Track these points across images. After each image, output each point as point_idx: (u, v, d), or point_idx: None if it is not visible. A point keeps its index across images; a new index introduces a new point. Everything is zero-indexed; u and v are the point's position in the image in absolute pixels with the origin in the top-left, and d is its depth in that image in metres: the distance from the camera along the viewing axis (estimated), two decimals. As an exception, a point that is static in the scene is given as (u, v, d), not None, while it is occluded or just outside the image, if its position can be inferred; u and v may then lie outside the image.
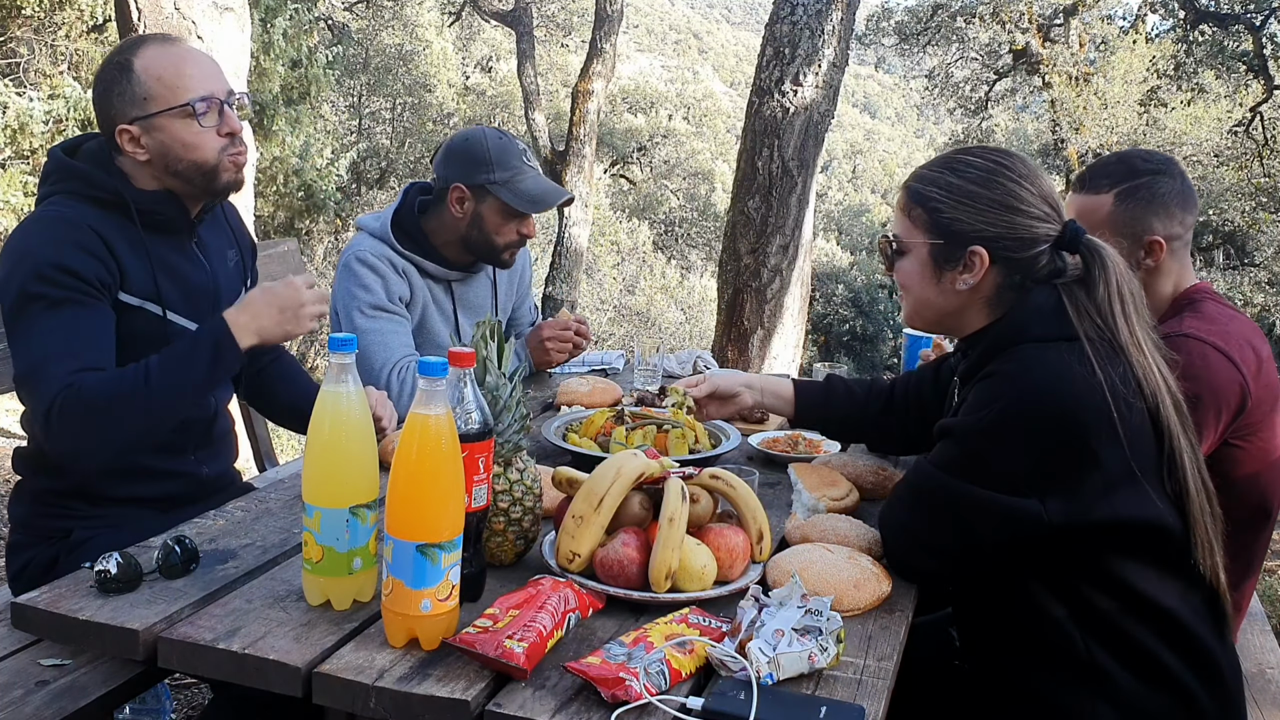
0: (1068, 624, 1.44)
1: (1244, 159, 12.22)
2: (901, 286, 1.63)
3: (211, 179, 1.83)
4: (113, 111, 1.78)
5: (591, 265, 14.30)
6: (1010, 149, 1.60)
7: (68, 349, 1.68)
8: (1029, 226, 1.49)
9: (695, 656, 1.25)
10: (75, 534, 1.83)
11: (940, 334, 1.66)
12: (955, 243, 1.51)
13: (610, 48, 10.79)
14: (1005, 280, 1.52)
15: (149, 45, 1.81)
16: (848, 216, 21.42)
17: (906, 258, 1.58)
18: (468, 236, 2.47)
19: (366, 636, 1.29)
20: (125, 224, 1.79)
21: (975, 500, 1.42)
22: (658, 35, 50.33)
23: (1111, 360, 1.41)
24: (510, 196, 2.41)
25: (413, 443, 1.22)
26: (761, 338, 5.50)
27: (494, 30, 18.57)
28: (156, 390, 1.69)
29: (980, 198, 1.50)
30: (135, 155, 1.79)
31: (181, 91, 1.77)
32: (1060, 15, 13.00)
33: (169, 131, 1.78)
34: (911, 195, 1.57)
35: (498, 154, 2.42)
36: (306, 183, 11.14)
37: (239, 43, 4.73)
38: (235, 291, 2.01)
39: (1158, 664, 1.44)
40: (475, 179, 2.41)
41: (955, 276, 1.53)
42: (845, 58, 5.41)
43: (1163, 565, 1.45)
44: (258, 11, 9.39)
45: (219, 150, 1.82)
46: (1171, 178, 1.92)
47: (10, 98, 8.00)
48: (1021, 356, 1.44)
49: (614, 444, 1.98)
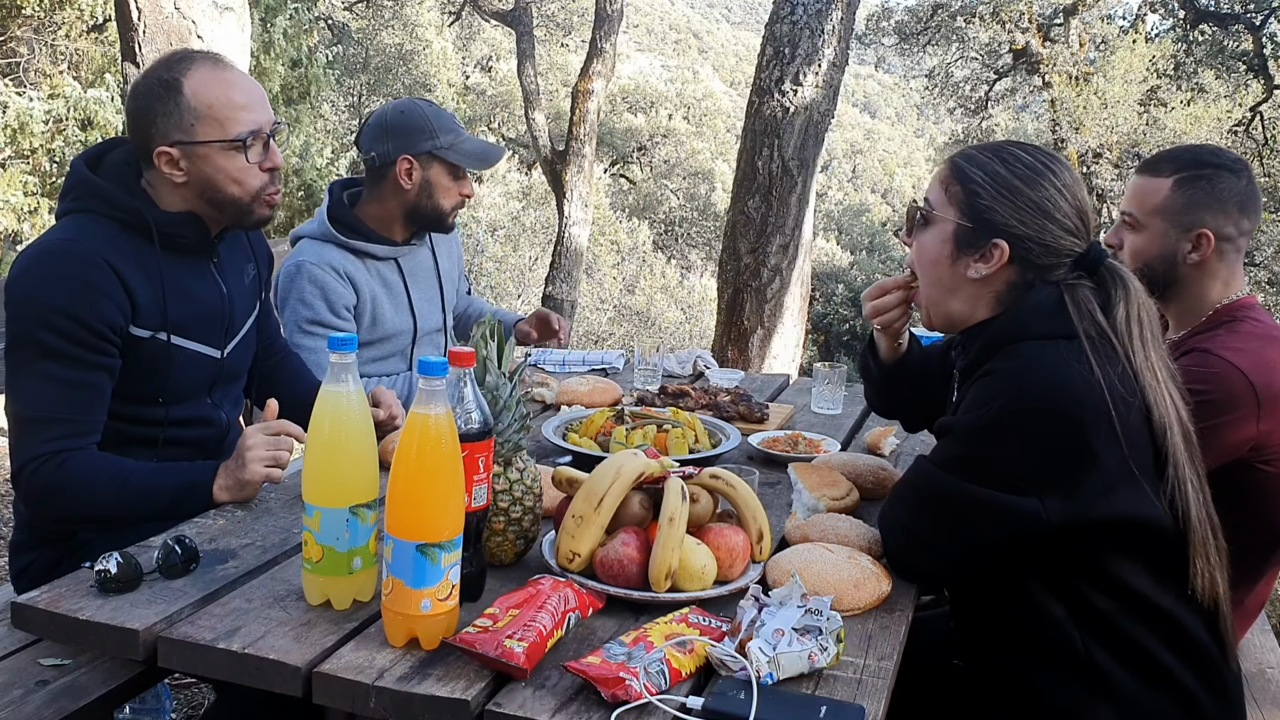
0: (1067, 623, 1.44)
1: (1244, 159, 12.22)
2: (914, 260, 1.61)
3: (246, 214, 1.81)
4: (154, 130, 1.74)
5: (591, 265, 14.30)
6: (1060, 157, 1.58)
7: (58, 412, 1.67)
8: (1057, 236, 1.49)
9: (695, 656, 1.25)
10: (79, 535, 1.83)
11: (939, 320, 1.62)
12: (982, 230, 1.50)
13: (610, 47, 10.78)
14: (1018, 280, 1.51)
15: (199, 67, 1.75)
16: (848, 216, 21.41)
17: (930, 229, 1.56)
18: (417, 205, 2.52)
19: (366, 636, 1.29)
20: (143, 246, 1.75)
21: (974, 499, 1.42)
22: (658, 35, 50.32)
23: (1111, 360, 1.41)
24: (459, 158, 2.49)
25: (413, 443, 1.22)
26: (761, 337, 5.50)
27: (494, 30, 18.58)
28: (125, 499, 1.69)
29: (1021, 194, 1.49)
30: (171, 177, 1.76)
31: (232, 124, 1.74)
32: (1060, 15, 13.00)
33: (213, 162, 1.75)
34: (955, 171, 1.55)
35: (436, 120, 2.49)
36: (306, 182, 11.14)
37: (239, 42, 4.73)
38: (249, 309, 1.99)
39: (1158, 664, 1.44)
40: (421, 147, 2.47)
41: (970, 262, 1.52)
42: (845, 57, 5.41)
43: (1160, 566, 1.45)
44: (258, 11, 9.40)
45: (259, 187, 1.79)
46: (1238, 177, 1.85)
47: (10, 97, 8.00)
48: (1020, 354, 1.44)
49: (614, 444, 1.98)
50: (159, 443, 1.82)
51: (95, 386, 1.71)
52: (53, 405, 1.68)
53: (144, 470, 1.73)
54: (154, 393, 1.80)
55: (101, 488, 1.69)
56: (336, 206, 2.53)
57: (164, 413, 1.81)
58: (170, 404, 1.82)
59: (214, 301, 1.88)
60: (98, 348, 1.69)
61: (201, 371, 1.88)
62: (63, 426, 1.68)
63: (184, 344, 1.82)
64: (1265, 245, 12.37)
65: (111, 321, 1.69)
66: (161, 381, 1.80)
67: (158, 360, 1.78)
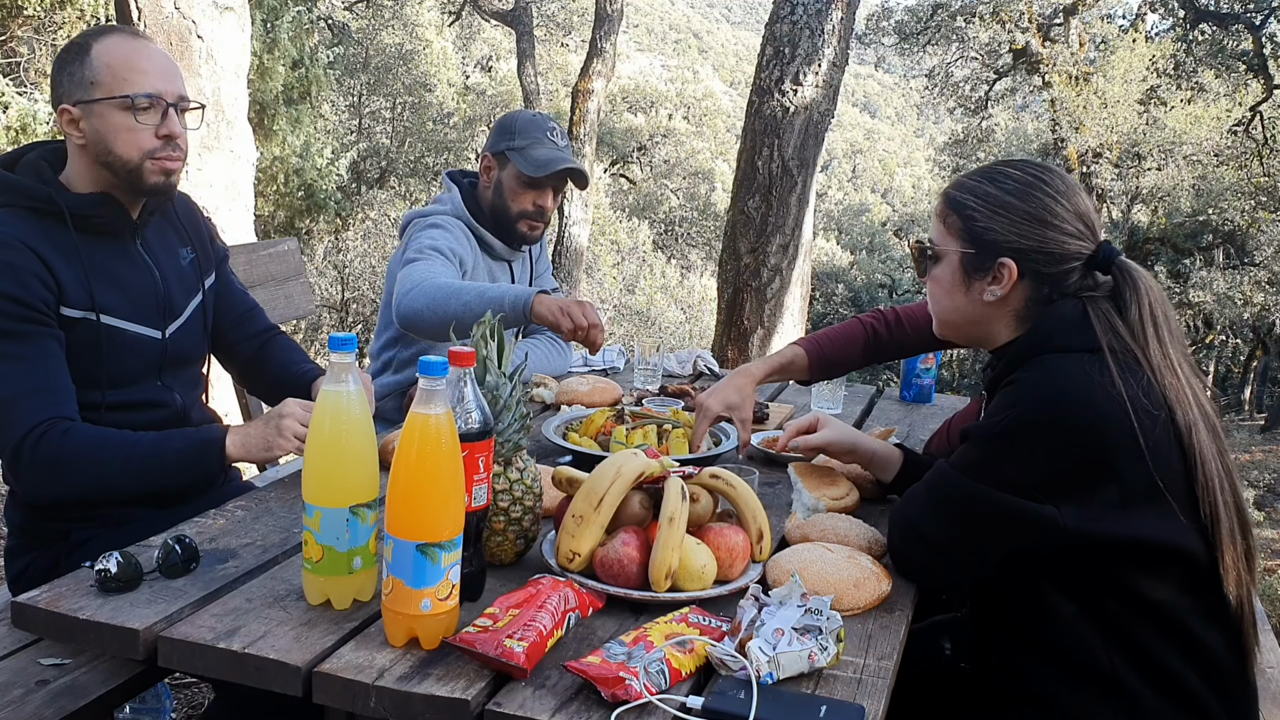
0: (1087, 632, 1.43)
1: (1244, 158, 12.24)
2: (930, 296, 1.62)
3: (136, 178, 1.81)
4: (61, 90, 1.78)
5: (591, 265, 14.29)
6: (1050, 164, 1.58)
7: (27, 385, 1.68)
8: (1060, 242, 1.48)
9: (695, 656, 1.25)
10: (74, 535, 1.83)
11: (967, 345, 1.65)
12: (986, 252, 1.51)
13: (610, 47, 10.78)
14: (1034, 294, 1.51)
15: (111, 34, 1.80)
16: (848, 216, 21.42)
17: (939, 264, 1.58)
18: (493, 205, 2.61)
19: (366, 636, 1.29)
20: (60, 231, 1.77)
21: (991, 502, 1.41)
22: (658, 35, 50.29)
23: (1134, 372, 1.40)
24: (521, 160, 2.54)
25: (413, 442, 1.22)
26: (761, 337, 5.50)
27: (494, 30, 18.58)
28: (134, 466, 1.71)
29: (1015, 209, 1.49)
30: (72, 137, 1.79)
31: (126, 84, 1.76)
32: (1060, 15, 13.01)
33: (105, 119, 1.76)
34: (949, 202, 1.56)
35: (524, 125, 2.58)
36: (307, 182, 11.15)
37: (239, 42, 4.73)
38: (191, 290, 1.98)
39: (1180, 683, 1.42)
40: (499, 146, 2.58)
41: (984, 286, 1.53)
42: (845, 57, 5.41)
43: (1188, 585, 1.43)
44: (260, 11, 9.39)
45: (148, 150, 1.79)
46: None
47: (12, 97, 8.00)
48: (1043, 366, 1.44)
49: (614, 443, 1.98)
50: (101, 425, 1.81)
51: (51, 355, 1.72)
52: (18, 381, 1.68)
53: (150, 437, 1.74)
54: (93, 376, 1.80)
55: (108, 455, 1.69)
56: (466, 190, 2.64)
57: (100, 396, 1.81)
58: (110, 387, 1.82)
59: (144, 283, 1.88)
60: (37, 319, 1.70)
61: (144, 354, 1.87)
62: (39, 397, 1.68)
63: (119, 324, 1.82)
64: (1265, 245, 12.36)
65: (41, 297, 1.71)
66: (101, 363, 1.80)
67: (95, 343, 1.79)
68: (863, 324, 2.16)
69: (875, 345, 2.15)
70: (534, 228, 2.64)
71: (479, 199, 2.65)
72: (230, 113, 4.65)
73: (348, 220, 13.21)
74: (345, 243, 12.87)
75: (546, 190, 2.59)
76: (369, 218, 13.66)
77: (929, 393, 2.76)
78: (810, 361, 2.11)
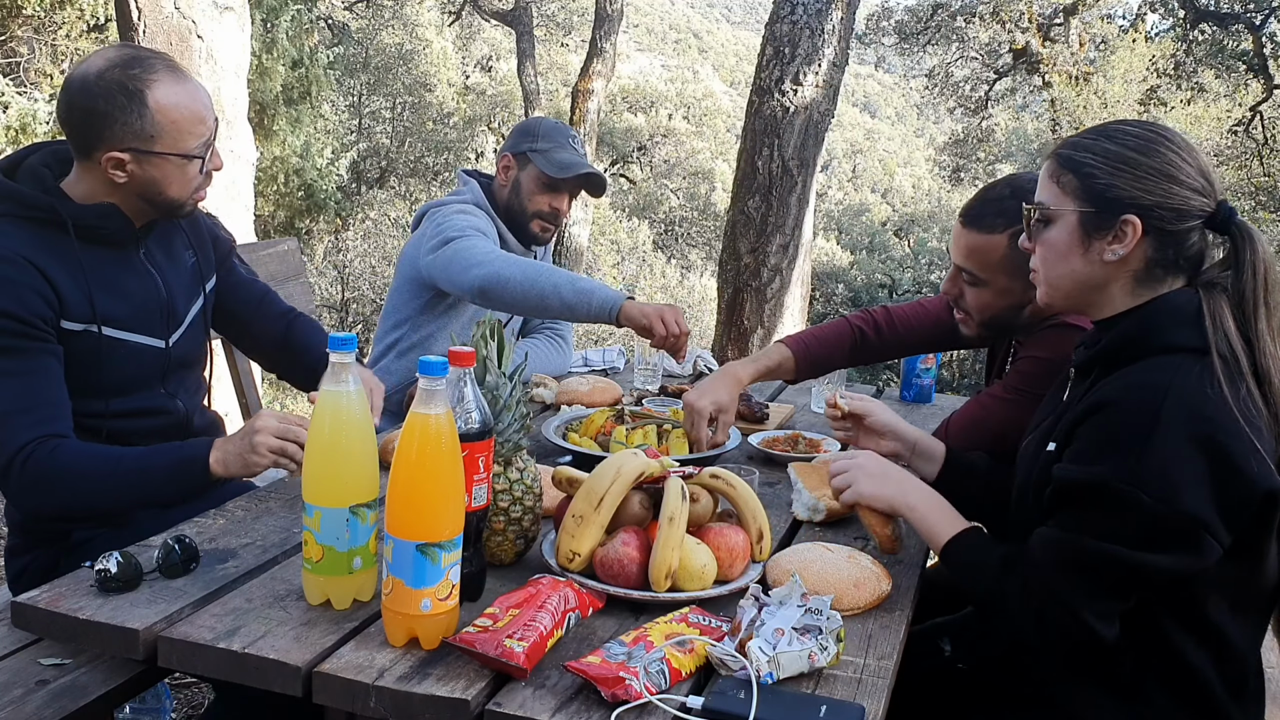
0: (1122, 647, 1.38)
1: (1244, 158, 12.22)
2: (1041, 260, 1.52)
3: (178, 210, 1.83)
4: (108, 133, 1.72)
5: (591, 264, 14.29)
6: (1169, 126, 1.52)
7: (20, 403, 1.67)
8: (1185, 198, 1.41)
9: (695, 656, 1.25)
10: (74, 535, 1.83)
11: (1076, 311, 1.57)
12: (1108, 210, 1.43)
13: (610, 47, 10.78)
14: (1156, 255, 1.43)
15: (162, 79, 1.73)
16: (848, 216, 21.41)
17: (1052, 226, 1.48)
18: (509, 204, 2.65)
19: (366, 636, 1.29)
20: (63, 242, 1.75)
21: (1156, 567, 1.32)
22: (658, 35, 50.31)
23: (1239, 378, 1.34)
24: (543, 162, 2.58)
25: (413, 442, 1.22)
26: (761, 337, 5.50)
27: (494, 30, 18.57)
28: (121, 482, 1.70)
29: (1139, 164, 1.42)
30: (113, 177, 1.75)
31: (190, 137, 1.76)
32: (1060, 15, 13.00)
33: (162, 169, 1.75)
34: (1062, 162, 1.48)
35: (547, 130, 2.64)
36: (307, 182, 11.15)
37: (239, 42, 4.73)
38: (192, 295, 1.97)
39: (1204, 690, 1.40)
40: (520, 147, 2.63)
41: (1104, 246, 1.44)
42: (845, 57, 5.41)
43: (1240, 605, 1.40)
44: (260, 11, 9.39)
45: (195, 187, 1.81)
46: None
47: (12, 98, 8.00)
48: (1154, 383, 1.34)
49: (614, 443, 1.98)
50: (102, 435, 1.81)
51: (47, 371, 1.71)
52: (11, 398, 1.67)
53: (136, 452, 1.73)
54: (95, 386, 1.79)
55: (96, 471, 1.68)
56: (483, 188, 2.67)
57: (103, 405, 1.80)
58: (113, 396, 1.81)
59: (148, 292, 1.87)
60: (35, 336, 1.69)
61: (147, 363, 1.87)
62: (31, 415, 1.67)
63: (122, 336, 1.81)
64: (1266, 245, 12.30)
65: (40, 313, 1.69)
66: (101, 374, 1.79)
67: (96, 354, 1.78)
68: (850, 324, 2.18)
69: (863, 346, 2.17)
70: (546, 229, 2.67)
71: (494, 197, 2.68)
72: (230, 113, 4.65)
73: (347, 220, 13.22)
74: (345, 243, 12.87)
75: (564, 194, 2.63)
76: (369, 218, 13.66)
77: (929, 393, 2.76)
78: (797, 363, 2.14)
